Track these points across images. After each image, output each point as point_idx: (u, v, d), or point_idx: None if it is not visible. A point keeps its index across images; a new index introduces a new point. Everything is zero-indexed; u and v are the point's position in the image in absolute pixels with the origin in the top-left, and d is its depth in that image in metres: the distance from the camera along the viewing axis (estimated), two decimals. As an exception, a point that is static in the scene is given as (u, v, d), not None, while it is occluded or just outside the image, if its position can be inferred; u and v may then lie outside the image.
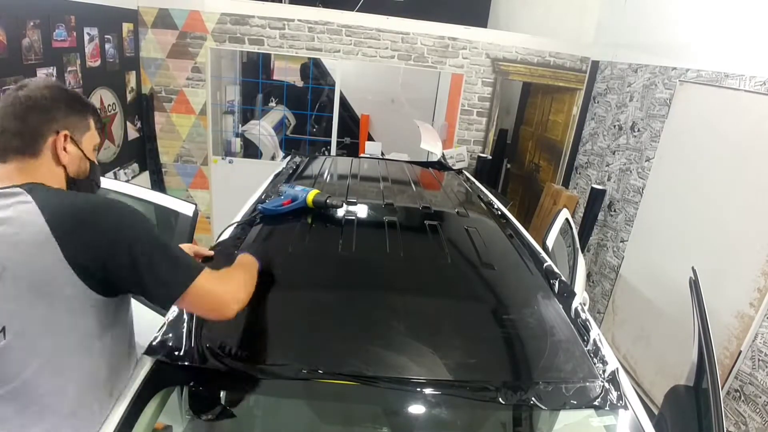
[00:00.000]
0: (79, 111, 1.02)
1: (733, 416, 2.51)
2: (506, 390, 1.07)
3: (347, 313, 1.30)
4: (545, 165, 4.81)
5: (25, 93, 0.95)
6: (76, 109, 1.02)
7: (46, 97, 0.97)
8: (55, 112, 0.98)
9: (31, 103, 0.95)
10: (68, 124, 1.00)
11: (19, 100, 0.94)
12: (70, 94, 1.03)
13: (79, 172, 1.05)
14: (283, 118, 5.61)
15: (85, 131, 1.04)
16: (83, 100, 1.05)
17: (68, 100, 1.01)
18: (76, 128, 1.02)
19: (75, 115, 1.02)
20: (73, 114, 1.01)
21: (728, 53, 2.71)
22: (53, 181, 0.99)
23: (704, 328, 1.47)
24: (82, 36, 2.99)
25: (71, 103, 1.01)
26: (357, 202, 1.96)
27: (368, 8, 4.33)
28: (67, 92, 1.02)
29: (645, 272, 3.28)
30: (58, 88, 1.01)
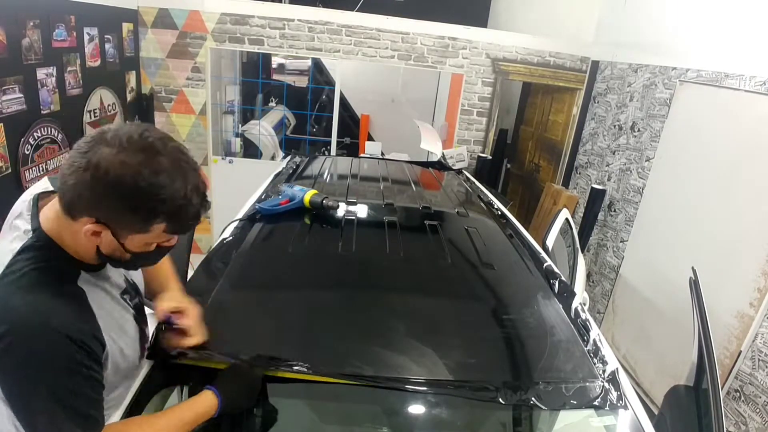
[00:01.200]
0: (137, 215, 0.80)
1: (733, 416, 2.51)
2: (506, 390, 1.07)
3: (347, 313, 1.30)
4: (545, 165, 4.81)
5: (96, 161, 0.76)
6: (134, 212, 0.80)
7: (105, 183, 0.76)
8: (105, 203, 0.78)
9: (91, 177, 0.76)
10: (112, 221, 0.81)
11: (87, 162, 0.76)
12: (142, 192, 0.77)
13: (113, 256, 0.87)
14: (283, 118, 5.61)
15: (136, 232, 0.83)
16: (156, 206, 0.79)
17: (132, 199, 0.78)
18: (122, 226, 0.82)
19: (128, 216, 0.80)
20: (125, 215, 0.80)
21: (728, 53, 2.71)
22: (78, 245, 0.85)
23: (704, 328, 1.47)
24: (82, 36, 2.98)
25: (133, 205, 0.79)
26: (357, 202, 1.96)
27: (368, 8, 4.33)
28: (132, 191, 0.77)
29: (645, 272, 3.28)
30: (134, 177, 0.76)
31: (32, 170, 2.57)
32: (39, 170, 2.62)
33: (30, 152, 2.54)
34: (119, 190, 0.77)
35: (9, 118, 2.37)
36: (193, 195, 0.82)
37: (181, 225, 0.85)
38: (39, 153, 2.62)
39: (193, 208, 0.83)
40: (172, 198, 0.79)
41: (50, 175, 1.10)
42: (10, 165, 2.41)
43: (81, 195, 0.78)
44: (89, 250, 0.85)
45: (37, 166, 2.61)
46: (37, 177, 2.61)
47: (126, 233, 0.83)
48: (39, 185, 0.97)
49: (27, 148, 2.51)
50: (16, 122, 2.42)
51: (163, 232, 0.85)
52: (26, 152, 2.51)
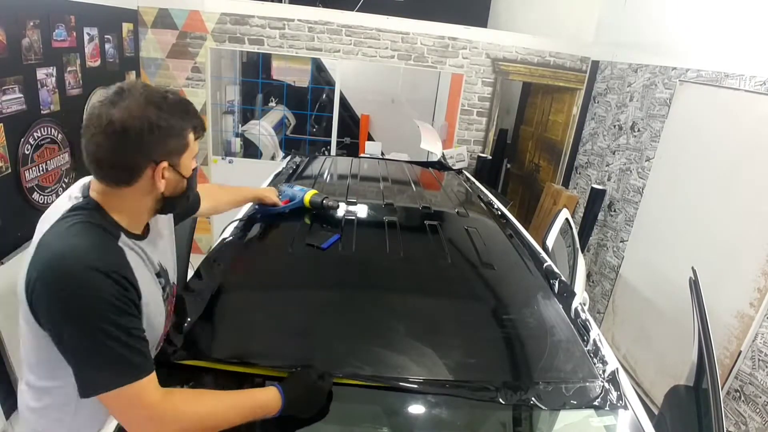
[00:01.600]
0: (178, 132, 0.94)
1: (733, 416, 2.51)
2: (506, 390, 1.07)
3: (347, 313, 1.30)
4: (545, 165, 4.81)
5: (120, 118, 0.87)
6: (176, 130, 0.94)
7: (143, 127, 0.88)
8: (153, 141, 0.91)
9: (127, 135, 0.87)
10: (167, 152, 0.94)
11: (113, 128, 0.86)
12: (168, 113, 0.92)
13: (175, 191, 1.00)
14: (283, 118, 5.61)
15: (183, 151, 0.98)
16: (183, 116, 0.96)
17: (167, 121, 0.91)
18: (175, 153, 0.96)
19: (174, 139, 0.94)
20: (172, 138, 0.94)
21: (728, 53, 2.71)
22: (136, 205, 0.97)
23: (704, 328, 1.47)
24: (81, 36, 2.98)
25: (171, 125, 0.92)
26: (357, 202, 1.96)
27: (368, 8, 4.33)
28: (163, 112, 0.91)
29: (645, 272, 3.28)
30: (156, 108, 0.90)
31: (32, 170, 2.57)
32: (39, 170, 2.62)
33: (30, 152, 2.54)
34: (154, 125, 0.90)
35: (9, 118, 2.37)
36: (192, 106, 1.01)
37: (202, 126, 1.03)
38: (39, 153, 2.62)
39: (193, 107, 1.00)
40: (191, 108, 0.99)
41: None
42: (10, 165, 2.41)
43: (131, 152, 0.89)
44: (143, 212, 0.99)
45: (37, 166, 2.61)
46: (37, 177, 2.61)
47: (178, 158, 0.96)
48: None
49: (27, 148, 2.51)
50: (16, 122, 2.42)
51: (193, 139, 1.00)
52: (26, 152, 2.51)
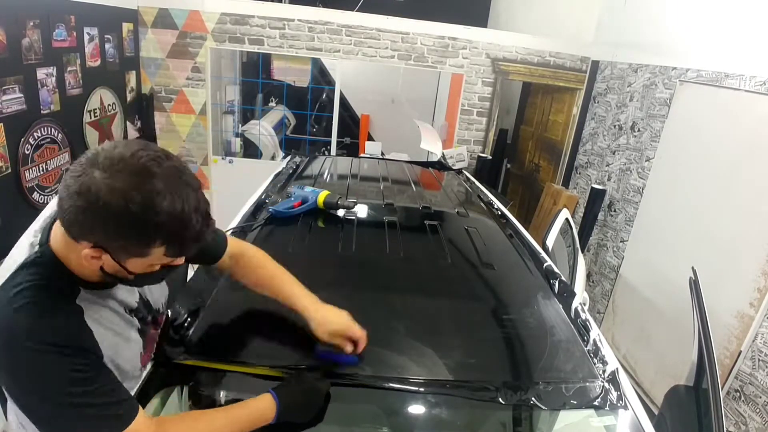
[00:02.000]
0: (131, 239, 0.77)
1: (733, 416, 2.51)
2: (506, 390, 1.07)
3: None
4: (545, 165, 4.81)
5: (87, 186, 0.73)
6: (128, 237, 0.76)
7: (96, 208, 0.73)
8: (99, 228, 0.75)
9: (83, 203, 0.73)
10: (108, 245, 0.77)
11: (72, 187, 0.74)
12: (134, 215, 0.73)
13: (117, 276, 0.84)
14: (283, 118, 5.60)
15: (135, 256, 0.80)
16: (150, 230, 0.75)
17: (124, 223, 0.74)
18: (119, 251, 0.79)
19: (121, 241, 0.77)
20: (119, 240, 0.77)
21: (728, 53, 2.71)
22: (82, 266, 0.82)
23: (704, 328, 1.47)
24: (82, 36, 2.99)
25: (126, 229, 0.75)
26: (357, 202, 1.97)
27: (368, 8, 4.33)
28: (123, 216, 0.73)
29: (645, 272, 3.28)
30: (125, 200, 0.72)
31: (32, 170, 2.57)
32: (39, 170, 2.63)
33: (30, 152, 2.54)
34: (111, 216, 0.73)
35: (9, 118, 2.37)
36: (191, 216, 0.77)
37: (181, 248, 0.81)
38: (39, 153, 2.62)
39: (192, 230, 0.78)
40: (168, 222, 0.75)
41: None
42: (10, 165, 2.41)
43: (76, 220, 0.75)
44: (94, 270, 0.83)
45: (37, 166, 2.61)
46: (37, 177, 2.61)
47: (125, 257, 0.80)
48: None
49: (27, 148, 2.51)
50: (16, 122, 2.42)
51: (163, 255, 0.80)
52: (26, 152, 2.51)
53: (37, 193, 2.62)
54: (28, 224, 0.96)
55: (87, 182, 0.73)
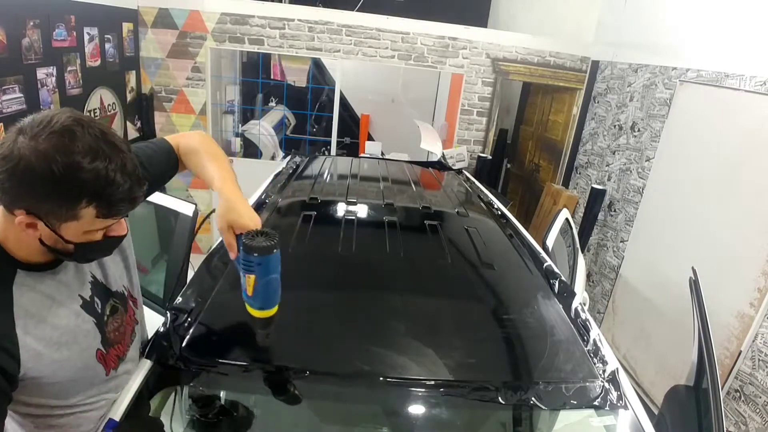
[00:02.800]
0: (59, 201, 0.76)
1: (733, 416, 2.51)
2: (506, 390, 1.07)
3: (347, 313, 1.30)
4: (545, 165, 4.81)
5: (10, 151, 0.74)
6: (55, 198, 0.76)
7: (20, 171, 0.74)
8: (26, 192, 0.76)
9: (9, 167, 0.74)
10: (39, 210, 0.77)
11: (3, 151, 0.75)
12: (57, 175, 0.74)
13: (57, 248, 0.83)
14: (283, 118, 5.61)
15: (67, 220, 0.79)
16: (75, 188, 0.76)
17: (49, 184, 0.74)
18: (50, 215, 0.78)
19: (50, 204, 0.77)
20: (48, 203, 0.76)
21: (728, 53, 2.71)
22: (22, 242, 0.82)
23: (704, 328, 1.47)
24: (82, 36, 2.99)
25: (51, 190, 0.75)
26: (357, 202, 1.96)
27: (368, 8, 4.33)
28: (46, 176, 0.73)
29: (645, 272, 3.28)
30: (47, 161, 0.73)
31: (32, 170, 2.57)
32: (39, 170, 2.63)
33: (30, 152, 2.55)
34: (35, 178, 0.74)
35: (9, 118, 2.37)
36: (116, 174, 0.77)
37: (110, 207, 0.80)
38: (39, 153, 2.62)
39: (118, 188, 0.78)
40: (92, 180, 0.76)
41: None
42: (10, 165, 2.41)
43: (4, 187, 0.76)
44: (32, 245, 0.82)
45: (37, 166, 2.61)
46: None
47: (57, 222, 0.79)
48: None
49: (27, 147, 2.52)
50: (16, 122, 2.42)
51: (95, 217, 0.80)
52: (26, 152, 2.52)
53: (37, 193, 2.62)
54: None
55: (11, 147, 0.74)
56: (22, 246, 0.83)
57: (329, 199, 2.00)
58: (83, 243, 0.83)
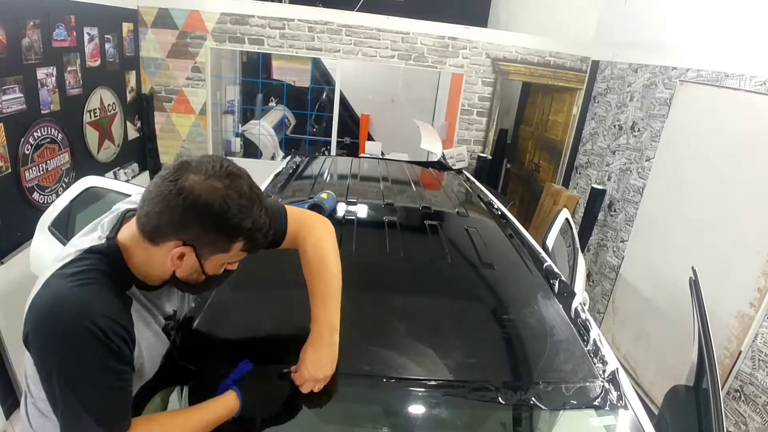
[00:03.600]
0: (223, 234, 0.87)
1: (733, 416, 2.51)
2: (506, 390, 1.07)
3: (347, 313, 1.30)
4: (545, 165, 4.81)
5: (189, 186, 0.83)
6: (221, 232, 0.87)
7: (198, 207, 0.84)
8: (195, 225, 0.85)
9: (180, 202, 0.83)
10: (199, 241, 0.87)
11: (177, 188, 0.84)
12: (230, 213, 0.85)
13: (188, 279, 0.93)
14: (283, 118, 5.61)
15: (218, 252, 0.90)
16: (240, 226, 0.87)
17: (221, 220, 0.85)
18: (207, 246, 0.88)
19: (213, 236, 0.87)
20: (212, 235, 0.87)
21: (728, 53, 2.71)
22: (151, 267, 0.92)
23: (704, 328, 1.47)
24: (82, 36, 2.98)
25: (221, 225, 0.86)
26: (357, 202, 1.96)
27: (368, 8, 4.33)
28: (222, 212, 0.84)
29: (645, 272, 3.28)
30: (224, 200, 0.84)
31: (32, 170, 2.57)
32: (39, 170, 2.62)
33: (30, 152, 2.54)
34: (210, 212, 0.84)
35: (9, 118, 2.37)
36: (266, 217, 0.91)
37: (256, 244, 0.93)
38: (39, 153, 2.62)
39: (266, 228, 0.92)
40: (252, 218, 0.88)
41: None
42: (10, 165, 2.41)
43: (170, 220, 0.85)
44: (162, 273, 0.92)
45: (37, 166, 2.61)
46: (37, 177, 2.61)
47: (209, 254, 0.89)
48: (132, 200, 1.01)
49: (27, 147, 2.51)
50: (16, 122, 2.42)
51: (240, 250, 0.91)
52: (26, 152, 2.51)
53: (37, 193, 2.62)
54: (29, 224, 0.98)
55: (188, 183, 0.84)
56: (147, 269, 0.93)
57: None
58: (213, 276, 0.94)
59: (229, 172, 0.88)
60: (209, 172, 0.86)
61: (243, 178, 0.89)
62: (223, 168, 0.88)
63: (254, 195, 0.90)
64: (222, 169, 0.87)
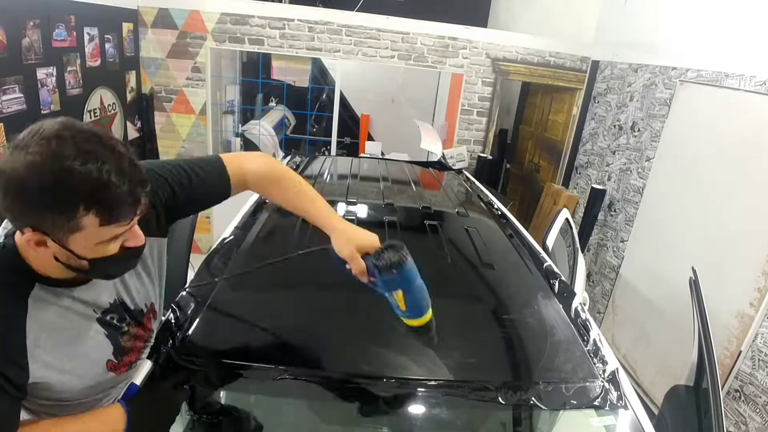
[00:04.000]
0: (56, 211, 0.73)
1: (733, 416, 2.51)
2: (506, 390, 1.07)
3: (346, 313, 1.30)
4: (545, 165, 4.81)
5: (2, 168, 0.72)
6: (53, 208, 0.73)
7: (15, 188, 0.71)
8: (24, 207, 0.74)
9: (3, 186, 0.72)
10: (42, 225, 0.74)
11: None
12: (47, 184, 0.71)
13: (72, 266, 0.81)
14: (283, 118, 5.61)
15: (72, 231, 0.75)
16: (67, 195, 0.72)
17: (42, 194, 0.71)
18: (54, 228, 0.75)
19: (52, 215, 0.73)
20: (48, 214, 0.73)
21: (728, 53, 2.71)
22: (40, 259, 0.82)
23: (704, 328, 1.47)
24: (82, 36, 2.99)
25: (46, 201, 0.72)
26: (357, 202, 1.96)
27: (368, 8, 4.33)
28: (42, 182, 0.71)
29: (645, 272, 3.28)
30: (37, 172, 0.70)
31: (32, 170, 2.57)
32: (39, 170, 2.63)
33: (30, 152, 2.55)
34: (26, 190, 0.71)
35: (9, 118, 2.37)
36: (111, 175, 0.73)
37: (110, 212, 0.75)
38: (39, 153, 2.62)
39: (116, 189, 0.74)
40: (85, 182, 0.72)
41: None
42: (10, 165, 2.41)
43: (6, 207, 0.74)
44: (50, 262, 0.81)
45: (37, 166, 2.61)
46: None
47: (62, 235, 0.76)
48: None
49: (27, 148, 2.52)
50: (16, 122, 2.42)
51: (99, 226, 0.76)
52: (26, 152, 2.51)
53: (37, 193, 2.62)
54: None
55: (2, 163, 0.72)
56: (40, 262, 0.83)
57: (329, 199, 2.00)
58: (98, 258, 0.80)
59: (51, 134, 0.72)
60: (25, 144, 0.72)
61: (68, 139, 0.73)
62: (44, 131, 0.73)
63: (89, 153, 0.73)
64: (41, 133, 0.73)
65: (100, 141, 0.76)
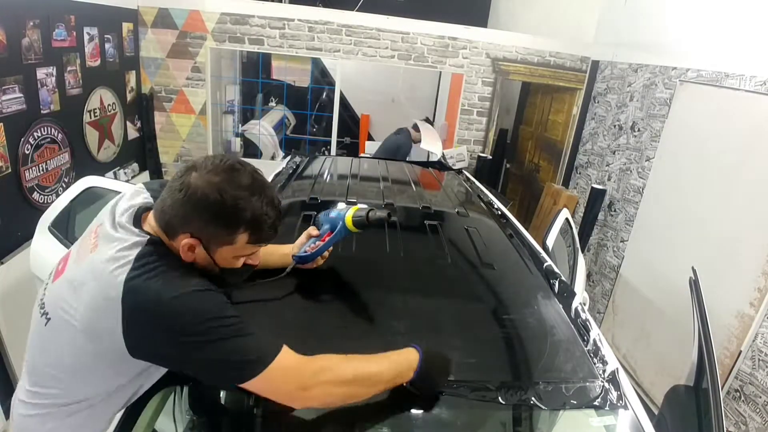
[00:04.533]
0: (222, 226, 0.92)
1: (733, 416, 2.51)
2: (506, 390, 1.07)
3: (346, 313, 1.30)
4: (545, 165, 4.81)
5: (188, 182, 0.90)
6: (219, 223, 0.92)
7: (195, 200, 0.90)
8: (196, 217, 0.91)
9: (181, 197, 0.90)
10: (203, 234, 0.92)
11: (180, 184, 0.91)
12: (226, 204, 0.90)
13: (207, 269, 0.98)
14: (283, 118, 5.61)
15: (224, 244, 0.95)
16: (238, 216, 0.92)
17: (218, 211, 0.90)
18: (212, 239, 0.93)
19: (214, 228, 0.92)
20: (212, 227, 0.92)
21: (728, 53, 2.71)
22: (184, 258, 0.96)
23: (704, 328, 1.47)
24: (81, 36, 2.98)
25: (219, 216, 0.91)
26: (357, 202, 1.96)
27: (368, 8, 4.33)
28: (216, 203, 0.90)
29: (645, 272, 3.28)
30: (218, 192, 0.90)
31: (32, 170, 2.57)
32: (39, 170, 2.62)
33: (30, 152, 2.54)
34: (206, 205, 0.90)
35: (9, 118, 2.37)
36: (268, 207, 0.95)
37: (261, 234, 0.96)
38: (39, 153, 2.62)
39: (270, 219, 0.95)
40: (252, 209, 0.92)
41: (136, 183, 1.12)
42: (10, 165, 2.41)
43: (177, 214, 0.91)
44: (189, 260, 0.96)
45: (37, 166, 2.61)
46: (37, 177, 2.61)
47: (215, 245, 0.94)
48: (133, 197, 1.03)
49: (27, 147, 2.51)
50: (16, 122, 2.42)
51: (246, 243, 0.96)
52: (26, 152, 2.51)
53: (37, 193, 2.62)
54: (29, 224, 0.98)
55: (186, 180, 0.91)
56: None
57: (329, 199, 2.00)
58: (227, 268, 0.99)
59: (228, 167, 0.93)
60: (208, 167, 0.92)
61: (243, 172, 0.94)
62: (223, 163, 0.93)
63: (256, 187, 0.94)
64: (221, 164, 0.93)
65: (261, 177, 0.98)
